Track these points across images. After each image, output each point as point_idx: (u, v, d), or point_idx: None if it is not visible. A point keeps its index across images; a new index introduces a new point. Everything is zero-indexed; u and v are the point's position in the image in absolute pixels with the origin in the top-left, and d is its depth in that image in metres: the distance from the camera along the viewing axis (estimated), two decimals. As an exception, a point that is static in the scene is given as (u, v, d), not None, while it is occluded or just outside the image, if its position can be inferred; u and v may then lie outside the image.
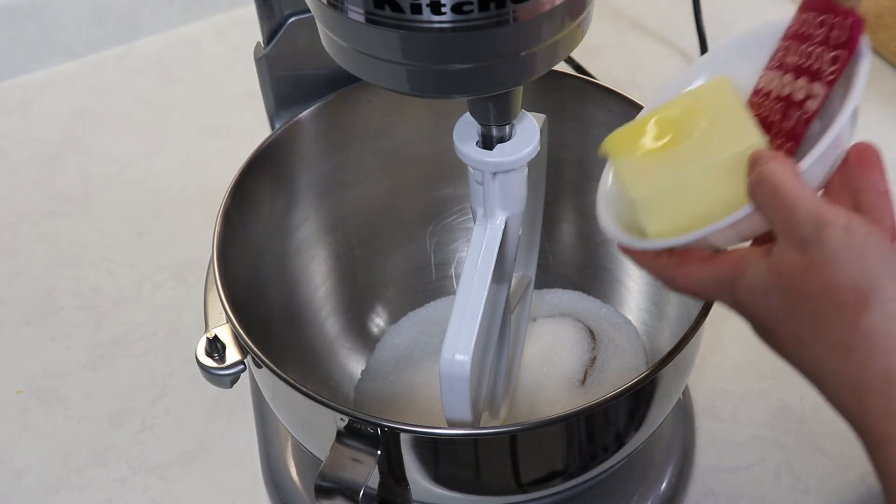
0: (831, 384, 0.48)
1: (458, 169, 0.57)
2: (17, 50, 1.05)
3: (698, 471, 0.73)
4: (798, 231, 0.47)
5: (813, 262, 0.47)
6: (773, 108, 0.54)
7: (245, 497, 0.74)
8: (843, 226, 0.47)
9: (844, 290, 0.46)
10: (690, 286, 0.53)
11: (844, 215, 0.47)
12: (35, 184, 0.97)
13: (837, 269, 0.46)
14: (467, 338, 0.53)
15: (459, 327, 0.54)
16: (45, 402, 0.80)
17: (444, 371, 0.53)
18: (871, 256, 0.46)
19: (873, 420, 0.47)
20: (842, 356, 0.47)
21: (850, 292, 0.46)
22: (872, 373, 0.46)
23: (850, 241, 0.46)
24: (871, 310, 0.46)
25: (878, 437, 0.47)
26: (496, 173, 0.54)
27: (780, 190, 0.48)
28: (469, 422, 0.56)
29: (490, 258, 0.55)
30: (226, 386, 0.63)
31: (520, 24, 0.45)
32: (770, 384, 0.78)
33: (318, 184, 0.74)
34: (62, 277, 0.88)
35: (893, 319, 0.46)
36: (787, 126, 0.53)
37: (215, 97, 1.04)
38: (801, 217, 0.47)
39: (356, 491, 0.54)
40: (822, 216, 0.47)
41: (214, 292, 0.63)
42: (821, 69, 0.51)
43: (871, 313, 0.46)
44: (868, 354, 0.46)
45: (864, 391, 0.47)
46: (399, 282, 0.81)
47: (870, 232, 0.47)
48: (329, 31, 0.49)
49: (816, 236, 0.47)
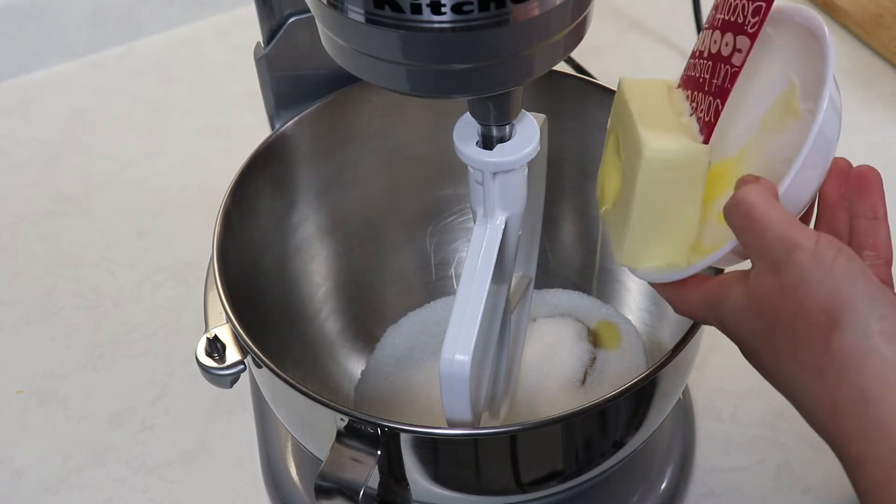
0: (808, 405, 0.49)
1: (458, 169, 0.57)
2: (17, 50, 1.05)
3: (698, 471, 0.73)
4: (770, 254, 0.48)
5: (785, 284, 0.47)
6: (704, 67, 0.54)
7: (245, 497, 0.74)
8: (812, 248, 0.47)
9: (815, 312, 0.47)
10: (688, 309, 0.55)
11: (814, 237, 0.47)
12: (35, 184, 0.97)
13: (808, 291, 0.47)
14: (467, 338, 0.53)
15: (459, 327, 0.54)
16: (45, 402, 0.80)
17: (443, 371, 0.53)
18: (839, 277, 0.46)
19: (849, 441, 0.47)
20: (816, 377, 0.47)
21: (820, 313, 0.46)
22: (845, 394, 0.46)
23: (820, 262, 0.47)
24: (842, 330, 0.46)
25: (854, 457, 0.47)
26: (496, 173, 0.54)
27: (752, 213, 0.48)
28: (469, 422, 0.56)
29: (490, 258, 0.55)
30: (226, 386, 0.63)
31: (520, 24, 0.45)
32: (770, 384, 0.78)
33: (318, 184, 0.74)
34: (62, 277, 0.89)
35: (864, 339, 0.46)
36: (715, 83, 0.53)
37: (215, 97, 1.04)
38: (772, 239, 0.48)
39: (356, 491, 0.54)
40: (791, 238, 0.47)
41: (214, 292, 0.63)
42: (745, 22, 0.51)
43: (841, 334, 0.46)
44: (840, 375, 0.46)
45: (838, 412, 0.47)
46: (399, 282, 0.81)
47: (839, 252, 0.47)
48: (329, 31, 0.49)
49: (787, 258, 0.47)
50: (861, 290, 0.46)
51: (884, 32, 1.02)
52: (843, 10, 1.05)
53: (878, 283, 0.47)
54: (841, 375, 0.46)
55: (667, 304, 0.69)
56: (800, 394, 0.49)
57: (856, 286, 0.46)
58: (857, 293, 0.46)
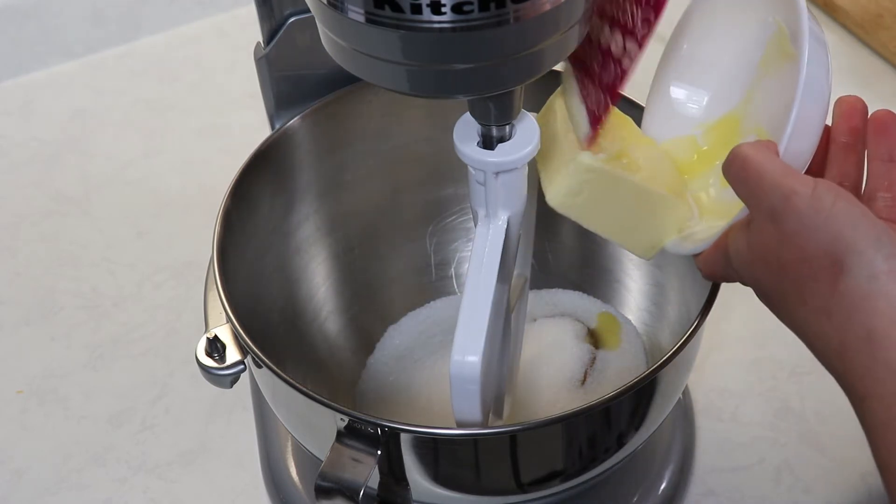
0: (819, 346, 0.49)
1: (458, 169, 0.57)
2: (17, 50, 1.05)
3: (698, 471, 0.73)
4: (766, 201, 0.48)
5: (785, 232, 0.48)
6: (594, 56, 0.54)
7: (245, 497, 0.74)
8: (810, 193, 0.47)
9: (818, 258, 0.47)
10: (709, 270, 0.55)
11: (811, 183, 0.48)
12: (35, 184, 0.97)
13: (809, 238, 0.47)
14: (477, 338, 0.53)
15: (468, 328, 0.53)
16: (45, 402, 0.80)
17: (454, 372, 0.53)
18: (840, 221, 0.47)
19: (856, 379, 0.47)
20: (824, 320, 0.48)
21: (823, 259, 0.47)
22: (853, 334, 0.47)
23: (818, 207, 0.47)
24: (847, 274, 0.47)
25: (861, 394, 0.47)
26: (498, 173, 0.54)
27: (746, 164, 0.49)
28: (479, 423, 0.56)
29: (495, 258, 0.55)
30: (226, 386, 0.63)
31: (520, 24, 0.45)
32: (770, 384, 0.78)
33: (318, 184, 0.74)
34: (62, 277, 0.88)
35: (870, 281, 0.46)
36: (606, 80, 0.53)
37: (215, 97, 1.04)
38: (767, 188, 0.48)
39: (356, 491, 0.54)
40: (787, 185, 0.48)
41: (214, 292, 0.63)
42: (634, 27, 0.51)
43: (847, 277, 0.47)
44: (848, 317, 0.47)
45: (846, 352, 0.47)
46: (399, 282, 0.81)
47: (838, 197, 0.47)
48: (329, 31, 0.49)
49: (784, 205, 0.48)
50: (864, 232, 0.46)
51: (884, 32, 1.02)
52: (843, 10, 1.05)
53: (881, 224, 0.47)
54: (849, 317, 0.47)
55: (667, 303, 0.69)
56: (810, 335, 0.50)
57: (858, 229, 0.46)
58: (860, 236, 0.46)
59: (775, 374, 0.78)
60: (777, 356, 0.80)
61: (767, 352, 0.80)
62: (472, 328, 0.53)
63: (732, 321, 0.82)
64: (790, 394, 0.77)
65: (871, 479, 0.72)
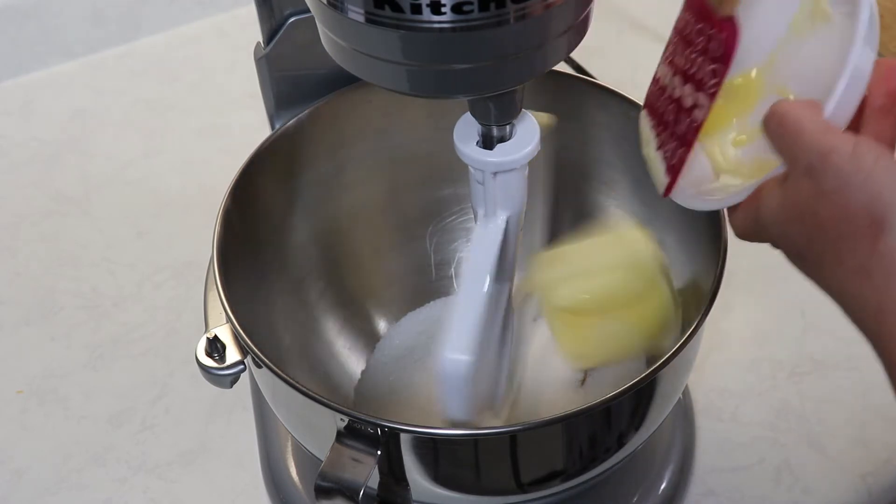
0: (854, 307, 0.48)
1: (458, 169, 0.57)
2: (17, 50, 1.05)
3: (698, 471, 0.73)
4: (804, 157, 0.48)
5: (823, 189, 0.47)
6: (667, 108, 0.55)
7: (245, 497, 0.74)
8: (850, 151, 0.46)
9: (858, 216, 0.46)
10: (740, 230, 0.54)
11: (851, 141, 0.47)
12: (35, 184, 0.97)
13: (849, 196, 0.46)
14: (469, 337, 0.53)
15: (460, 326, 0.53)
16: (45, 402, 0.80)
17: (444, 369, 0.53)
18: (881, 180, 0.46)
19: (892, 341, 0.47)
20: (862, 280, 0.47)
21: (863, 217, 0.46)
22: (892, 295, 0.46)
23: (859, 166, 0.46)
24: (887, 233, 0.46)
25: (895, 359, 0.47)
26: (497, 173, 0.54)
27: (785, 119, 0.48)
28: (467, 422, 0.56)
29: (491, 258, 0.55)
30: (226, 386, 0.63)
31: (520, 24, 0.45)
32: (770, 384, 0.78)
33: (319, 183, 0.74)
34: (62, 277, 0.88)
35: None
36: (679, 130, 0.53)
37: (215, 97, 1.04)
38: (806, 144, 0.47)
39: (356, 491, 0.54)
40: (827, 142, 0.47)
41: (214, 292, 0.63)
42: (703, 80, 0.51)
43: (887, 237, 0.46)
44: (886, 277, 0.46)
45: (884, 313, 0.46)
46: (399, 282, 0.81)
47: (880, 155, 0.46)
48: (329, 31, 0.49)
49: (823, 162, 0.47)
50: None
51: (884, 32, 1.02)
52: (843, 10, 1.05)
53: None
54: (888, 277, 0.46)
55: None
56: (846, 296, 0.48)
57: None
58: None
59: (775, 374, 0.78)
60: (777, 356, 0.80)
61: (767, 352, 0.80)
62: (465, 326, 0.53)
63: (732, 321, 0.82)
64: (790, 394, 0.77)
65: (871, 479, 0.72)
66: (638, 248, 0.65)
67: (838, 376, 0.78)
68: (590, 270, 0.65)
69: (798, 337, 0.80)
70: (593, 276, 0.65)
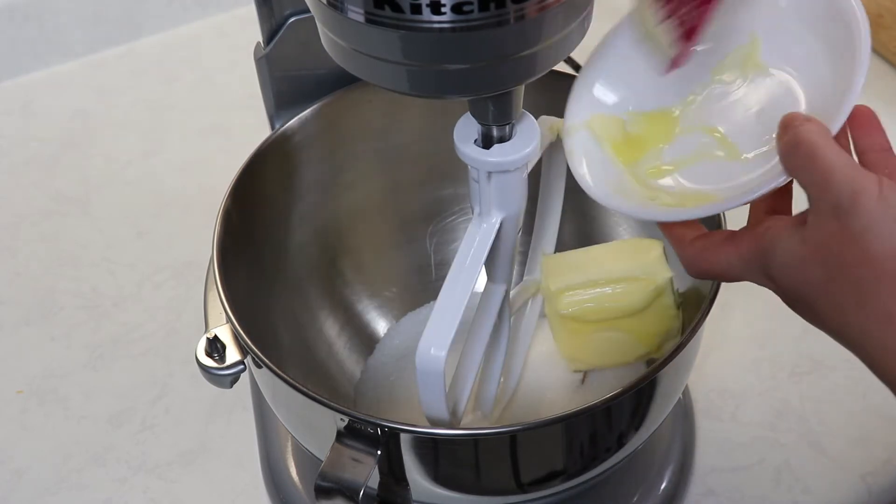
0: (875, 352, 0.48)
1: (458, 169, 0.57)
2: (17, 50, 1.05)
3: (698, 471, 0.73)
4: (833, 197, 0.47)
5: (849, 230, 0.46)
6: None
7: (245, 497, 0.74)
8: (877, 192, 0.46)
9: (884, 259, 0.46)
10: (716, 270, 0.53)
11: (877, 181, 0.47)
12: (35, 184, 0.97)
13: (874, 238, 0.46)
14: (445, 333, 0.53)
15: (439, 322, 0.53)
16: (45, 402, 0.80)
17: (419, 365, 0.53)
18: None
19: None
20: (885, 324, 0.46)
21: (889, 261, 0.46)
22: None
23: (885, 207, 0.46)
24: None
25: None
26: (491, 173, 0.54)
27: (815, 152, 0.48)
28: (444, 419, 0.56)
29: (479, 256, 0.55)
30: (226, 386, 0.63)
31: (520, 24, 0.45)
32: (770, 384, 0.78)
33: (318, 183, 0.74)
34: (62, 277, 0.89)
35: None
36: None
37: (215, 97, 1.04)
38: (837, 183, 0.47)
39: (356, 491, 0.54)
40: (857, 182, 0.46)
41: (214, 292, 0.63)
42: None
43: None
44: None
45: None
46: (399, 282, 0.81)
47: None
48: (329, 31, 0.49)
49: (852, 203, 0.46)
50: None
51: (884, 32, 1.02)
52: (843, 10, 1.05)
53: None
54: None
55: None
56: (865, 342, 0.48)
57: None
58: None
59: (775, 374, 0.78)
60: (777, 356, 0.80)
61: (767, 352, 0.80)
62: (443, 322, 0.53)
63: (732, 321, 0.82)
64: (790, 394, 0.77)
65: (871, 479, 0.72)
66: (647, 259, 0.65)
67: (838, 376, 0.78)
68: (597, 280, 0.65)
69: (798, 337, 0.80)
70: (599, 285, 0.65)
